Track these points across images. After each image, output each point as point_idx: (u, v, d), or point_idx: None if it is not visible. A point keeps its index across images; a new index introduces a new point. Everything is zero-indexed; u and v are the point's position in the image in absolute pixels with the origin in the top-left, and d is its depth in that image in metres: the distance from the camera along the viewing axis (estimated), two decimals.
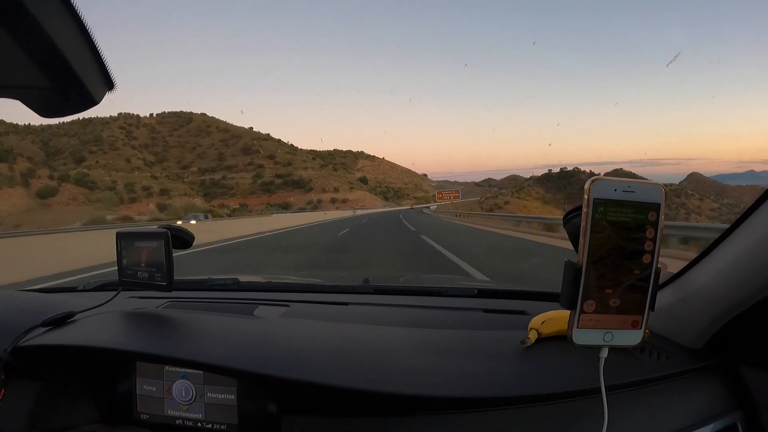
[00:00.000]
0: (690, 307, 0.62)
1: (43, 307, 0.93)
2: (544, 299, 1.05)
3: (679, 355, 0.65)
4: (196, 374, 0.75)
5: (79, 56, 0.31)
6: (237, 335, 0.78)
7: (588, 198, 0.44)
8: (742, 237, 0.55)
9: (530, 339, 0.70)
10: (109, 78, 0.35)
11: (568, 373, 0.63)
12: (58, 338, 0.78)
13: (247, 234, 15.99)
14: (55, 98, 0.34)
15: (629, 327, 0.48)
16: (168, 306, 1.05)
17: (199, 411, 0.75)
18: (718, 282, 0.57)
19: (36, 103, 0.35)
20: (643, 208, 0.45)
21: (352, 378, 0.62)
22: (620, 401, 0.60)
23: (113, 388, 0.81)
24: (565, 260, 0.48)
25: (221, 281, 1.29)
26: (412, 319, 0.93)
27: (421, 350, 0.70)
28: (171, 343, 0.74)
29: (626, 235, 0.45)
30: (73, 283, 1.35)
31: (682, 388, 0.64)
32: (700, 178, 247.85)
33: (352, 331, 0.80)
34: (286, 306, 1.03)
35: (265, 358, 0.67)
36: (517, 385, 0.62)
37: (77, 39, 0.31)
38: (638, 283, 0.47)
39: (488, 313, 0.96)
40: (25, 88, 0.33)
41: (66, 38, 0.30)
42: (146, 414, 0.78)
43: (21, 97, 0.34)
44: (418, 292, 1.21)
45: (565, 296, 0.47)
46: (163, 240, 0.82)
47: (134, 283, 0.88)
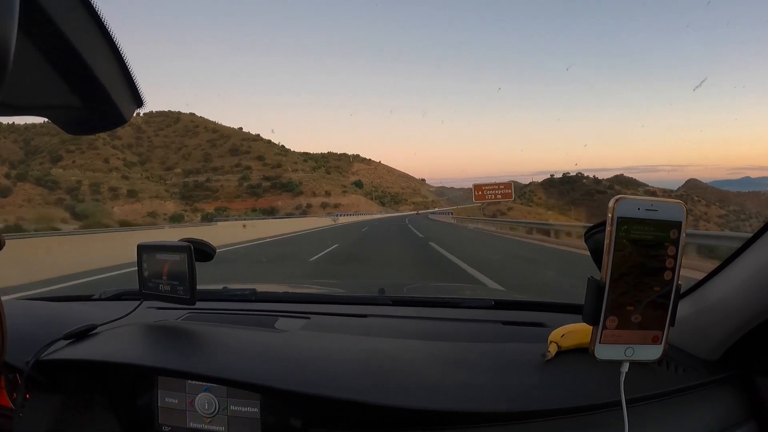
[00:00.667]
0: (707, 320, 0.63)
1: (63, 318, 0.92)
2: (562, 311, 1.05)
3: (696, 368, 0.66)
4: (220, 388, 0.75)
5: (110, 75, 0.32)
6: (260, 349, 0.78)
7: (612, 216, 0.45)
8: (762, 249, 0.55)
9: (551, 352, 0.70)
10: (138, 96, 0.35)
11: (589, 386, 0.64)
12: (80, 352, 0.78)
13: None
14: (85, 116, 0.34)
15: (650, 342, 0.49)
16: (188, 318, 1.05)
17: (221, 424, 0.75)
18: (736, 295, 0.57)
19: (65, 121, 0.35)
20: (664, 226, 0.46)
21: (375, 393, 0.63)
22: (639, 414, 0.60)
23: (134, 400, 0.80)
24: (589, 277, 0.49)
25: (239, 292, 1.29)
26: (431, 332, 0.94)
27: (442, 364, 0.71)
28: (194, 358, 0.75)
29: (648, 252, 0.46)
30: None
31: (699, 400, 0.65)
32: (699, 185, 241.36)
33: (373, 345, 0.80)
34: (306, 318, 1.04)
35: (289, 373, 0.68)
36: (539, 399, 0.62)
37: (108, 58, 0.31)
38: (659, 300, 0.47)
39: (506, 325, 0.96)
40: (56, 108, 0.33)
41: (96, 57, 0.30)
42: (168, 426, 0.78)
43: (50, 116, 0.34)
44: (436, 303, 1.21)
45: (588, 312, 0.48)
46: (186, 253, 0.82)
47: (156, 295, 0.88)
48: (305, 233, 21.48)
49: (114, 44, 0.31)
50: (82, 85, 0.31)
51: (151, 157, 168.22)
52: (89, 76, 0.30)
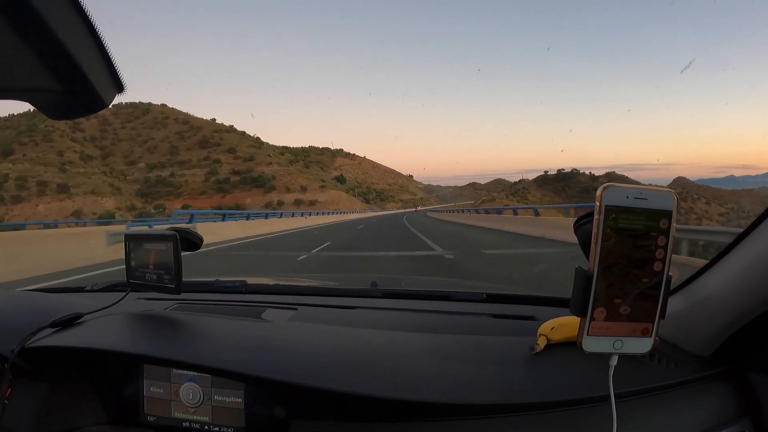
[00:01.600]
0: (700, 315, 0.62)
1: (51, 308, 0.92)
2: (553, 305, 1.05)
3: (688, 363, 0.65)
4: (204, 377, 0.75)
5: (89, 58, 0.31)
6: (245, 339, 0.78)
7: (600, 205, 0.44)
8: (753, 244, 0.55)
9: (539, 345, 0.69)
10: (119, 80, 0.35)
11: (578, 380, 0.63)
12: (65, 340, 0.78)
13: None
14: (64, 100, 0.34)
15: (639, 335, 0.48)
16: (176, 308, 1.05)
17: (206, 414, 0.75)
18: (729, 289, 0.57)
19: (45, 104, 0.35)
20: (654, 215, 0.45)
21: (361, 384, 0.62)
22: (629, 408, 0.59)
23: (120, 389, 0.80)
24: (576, 267, 0.47)
25: (229, 283, 1.28)
26: (420, 324, 0.93)
27: (430, 356, 0.70)
28: (179, 346, 0.75)
29: (637, 242, 0.45)
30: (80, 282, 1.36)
31: (691, 395, 0.64)
32: (687, 183, 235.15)
33: (361, 336, 0.80)
34: (294, 309, 1.03)
35: (273, 363, 0.68)
36: (526, 392, 0.61)
37: (87, 41, 0.31)
38: (649, 291, 0.46)
39: (497, 318, 0.96)
40: (35, 90, 0.33)
41: (75, 40, 0.30)
42: (153, 416, 0.78)
43: (30, 99, 0.34)
44: (426, 296, 1.20)
45: (575, 303, 0.47)
46: (172, 242, 0.82)
47: (143, 284, 0.88)
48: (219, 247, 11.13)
49: (93, 28, 0.30)
50: (61, 68, 0.31)
51: (114, 151, 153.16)
52: (68, 60, 0.30)
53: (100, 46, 0.32)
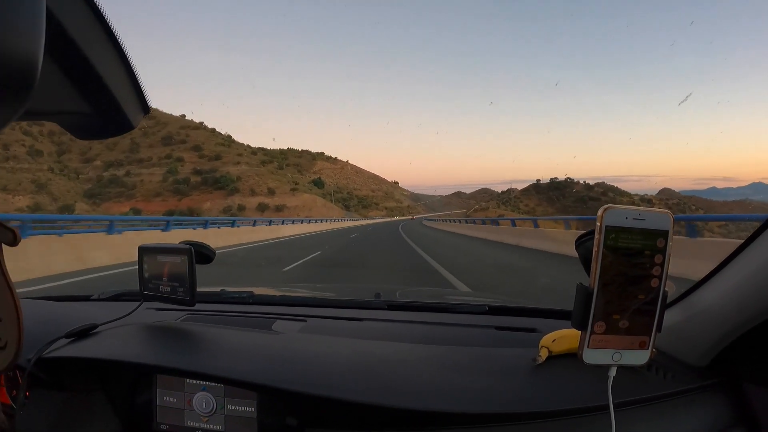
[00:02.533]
0: (697, 327, 0.64)
1: (65, 317, 0.94)
2: (554, 317, 1.06)
3: (685, 373, 0.67)
4: (217, 387, 0.76)
5: (119, 83, 0.33)
6: (257, 349, 0.80)
7: (600, 225, 0.46)
8: (749, 258, 0.56)
9: (541, 357, 0.71)
10: (146, 103, 0.36)
11: (578, 390, 0.65)
12: (81, 350, 0.79)
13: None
14: (93, 122, 0.35)
15: (637, 347, 0.50)
16: (187, 319, 1.06)
17: (219, 423, 0.76)
18: (725, 302, 0.58)
19: (75, 126, 0.36)
20: (652, 235, 0.47)
21: (371, 393, 0.64)
22: (627, 418, 0.61)
23: (133, 399, 0.82)
24: (578, 283, 0.50)
25: (236, 294, 1.30)
26: (425, 335, 0.95)
27: (436, 366, 0.72)
28: (193, 357, 0.77)
29: (636, 260, 0.47)
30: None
31: (687, 405, 0.66)
32: (674, 194, 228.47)
33: (369, 347, 0.82)
34: (303, 321, 1.06)
35: (286, 373, 0.70)
36: (528, 402, 0.63)
37: (117, 66, 0.32)
38: (646, 306, 0.49)
39: (500, 330, 0.98)
40: (65, 113, 0.34)
41: (107, 65, 0.31)
42: (166, 425, 0.79)
43: (60, 121, 0.35)
44: (430, 308, 1.23)
45: (576, 317, 0.49)
46: (187, 255, 0.83)
47: (156, 296, 0.90)
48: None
49: (123, 52, 0.32)
50: (92, 92, 0.32)
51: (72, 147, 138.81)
52: (99, 84, 0.31)
53: (129, 71, 0.33)
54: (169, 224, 12.32)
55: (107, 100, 0.33)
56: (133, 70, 0.33)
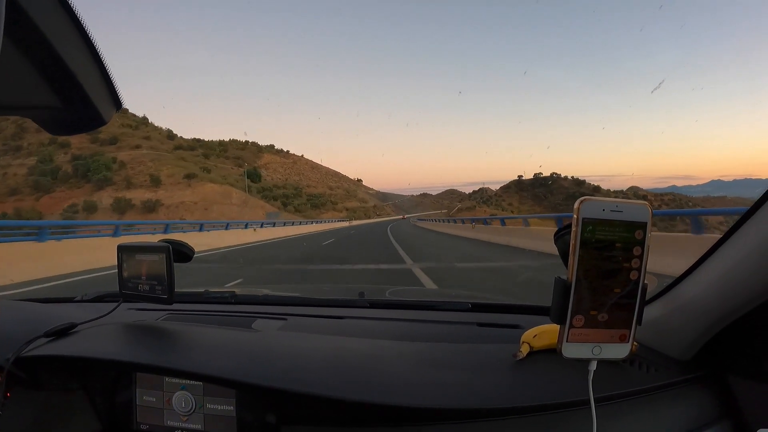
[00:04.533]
0: (679, 320, 0.64)
1: (45, 318, 0.94)
2: (537, 313, 1.07)
3: (668, 367, 0.67)
4: (196, 385, 0.76)
5: (89, 78, 0.32)
6: (236, 347, 0.79)
7: (577, 217, 0.46)
8: (731, 250, 0.56)
9: (522, 352, 0.71)
10: (118, 99, 0.36)
11: (559, 385, 0.64)
12: (60, 349, 0.79)
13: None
14: (65, 117, 0.35)
15: (617, 341, 0.50)
16: (167, 318, 1.06)
17: (198, 422, 0.76)
18: (707, 295, 0.58)
19: (46, 121, 0.36)
20: (630, 227, 0.47)
21: (349, 390, 0.64)
22: (609, 413, 0.61)
23: (113, 398, 0.81)
24: (555, 277, 0.49)
25: (218, 294, 1.30)
26: (407, 333, 0.94)
27: (416, 363, 0.72)
28: (171, 354, 0.76)
29: (614, 252, 0.47)
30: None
31: (671, 399, 0.65)
32: (641, 191, 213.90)
33: (348, 344, 0.82)
34: (283, 319, 1.05)
35: (264, 370, 0.69)
36: (509, 397, 0.63)
37: (88, 61, 0.32)
38: (626, 299, 0.48)
39: (482, 327, 0.98)
40: (37, 108, 0.34)
41: (77, 60, 0.31)
42: (146, 425, 0.79)
43: (31, 116, 0.35)
44: (413, 306, 1.22)
45: (554, 311, 0.49)
46: (165, 254, 0.83)
47: (135, 295, 0.89)
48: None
49: (94, 48, 0.31)
50: (62, 86, 0.31)
51: None
52: (70, 78, 0.31)
53: (100, 66, 0.33)
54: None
55: (78, 95, 0.32)
56: (104, 65, 0.33)
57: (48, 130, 0.37)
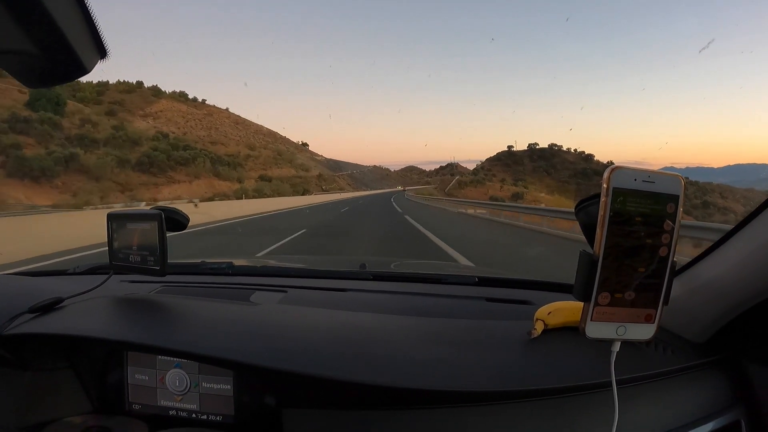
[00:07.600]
0: (697, 301, 0.62)
1: (31, 292, 0.88)
2: (548, 289, 1.04)
3: (685, 350, 0.65)
4: (191, 363, 0.73)
5: (70, 21, 0.29)
6: (233, 323, 0.76)
7: (607, 187, 0.43)
8: (755, 231, 0.54)
9: (537, 330, 0.68)
10: (102, 45, 0.32)
11: (577, 366, 0.62)
12: (45, 326, 0.75)
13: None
14: (42, 65, 0.32)
15: (642, 321, 0.47)
16: (161, 291, 1.01)
17: (193, 401, 0.73)
18: (728, 276, 0.56)
19: (21, 70, 0.32)
20: (662, 199, 0.44)
21: (354, 371, 0.61)
22: (627, 395, 0.59)
23: (104, 377, 0.78)
24: (581, 250, 0.46)
25: (215, 265, 1.24)
26: (412, 307, 0.92)
27: (424, 341, 0.69)
28: (164, 332, 0.72)
29: (644, 226, 0.44)
30: (61, 265, 1.29)
31: (688, 382, 0.64)
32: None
33: (352, 320, 0.79)
34: (283, 292, 1.02)
35: (263, 349, 0.66)
36: (524, 378, 0.60)
37: (69, 3, 0.29)
38: (652, 277, 0.46)
39: (491, 302, 0.95)
40: (8, 53, 0.30)
41: (57, 2, 0.27)
42: (138, 404, 0.76)
43: (4, 64, 0.31)
44: (418, 278, 1.19)
45: (579, 287, 0.46)
46: (157, 222, 0.79)
47: (126, 266, 0.85)
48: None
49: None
50: (38, 29, 0.28)
51: None
52: (47, 20, 0.28)
53: (83, 7, 0.30)
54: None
55: (56, 40, 0.29)
56: (87, 7, 0.30)
57: (22, 81, 0.33)
